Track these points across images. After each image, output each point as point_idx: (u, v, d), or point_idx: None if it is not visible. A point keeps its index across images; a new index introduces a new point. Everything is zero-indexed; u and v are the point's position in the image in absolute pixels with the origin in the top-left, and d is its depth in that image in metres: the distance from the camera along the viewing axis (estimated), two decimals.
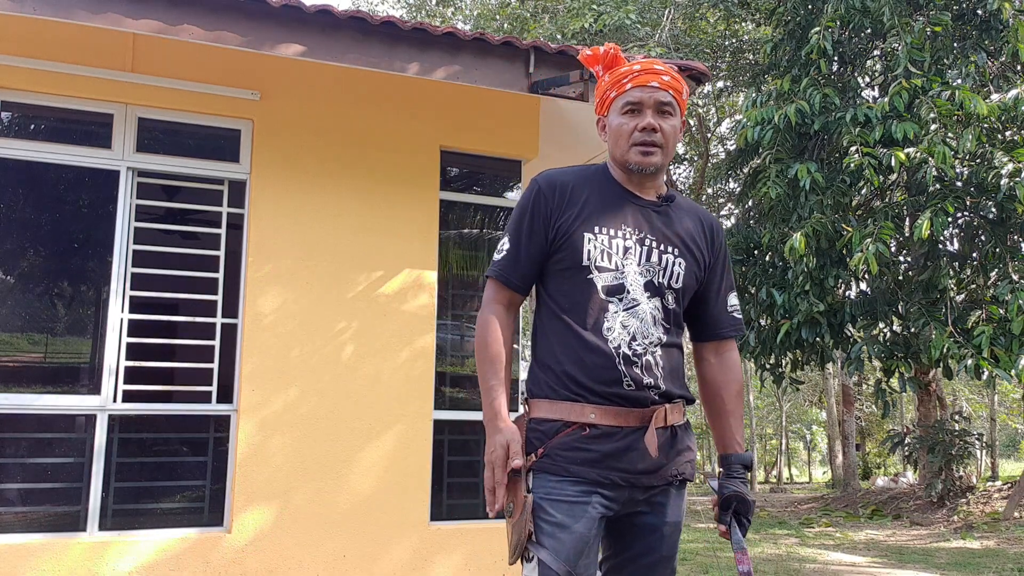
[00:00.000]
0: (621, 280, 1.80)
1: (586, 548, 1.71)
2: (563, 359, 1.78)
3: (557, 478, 1.73)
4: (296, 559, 4.08)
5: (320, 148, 4.46)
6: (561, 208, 1.83)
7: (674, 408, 1.81)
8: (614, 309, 1.78)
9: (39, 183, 4.09)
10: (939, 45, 7.72)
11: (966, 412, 20.32)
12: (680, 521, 1.85)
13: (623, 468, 1.74)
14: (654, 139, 1.81)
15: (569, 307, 1.80)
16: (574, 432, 1.74)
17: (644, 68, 1.83)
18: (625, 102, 1.83)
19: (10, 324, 4.00)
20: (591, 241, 1.80)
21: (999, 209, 7.29)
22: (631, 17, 11.05)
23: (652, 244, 1.83)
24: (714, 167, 14.92)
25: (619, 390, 1.75)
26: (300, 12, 3.88)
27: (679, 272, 1.84)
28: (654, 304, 1.81)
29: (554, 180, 1.86)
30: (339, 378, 4.30)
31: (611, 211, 1.83)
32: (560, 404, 1.76)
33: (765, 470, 37.52)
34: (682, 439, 1.83)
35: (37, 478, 3.87)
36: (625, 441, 1.74)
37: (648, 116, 1.81)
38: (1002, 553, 7.91)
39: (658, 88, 1.82)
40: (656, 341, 1.79)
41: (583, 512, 1.71)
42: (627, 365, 1.75)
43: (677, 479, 1.82)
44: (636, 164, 1.82)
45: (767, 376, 9.12)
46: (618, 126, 1.84)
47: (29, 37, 4.00)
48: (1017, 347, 6.54)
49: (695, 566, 6.95)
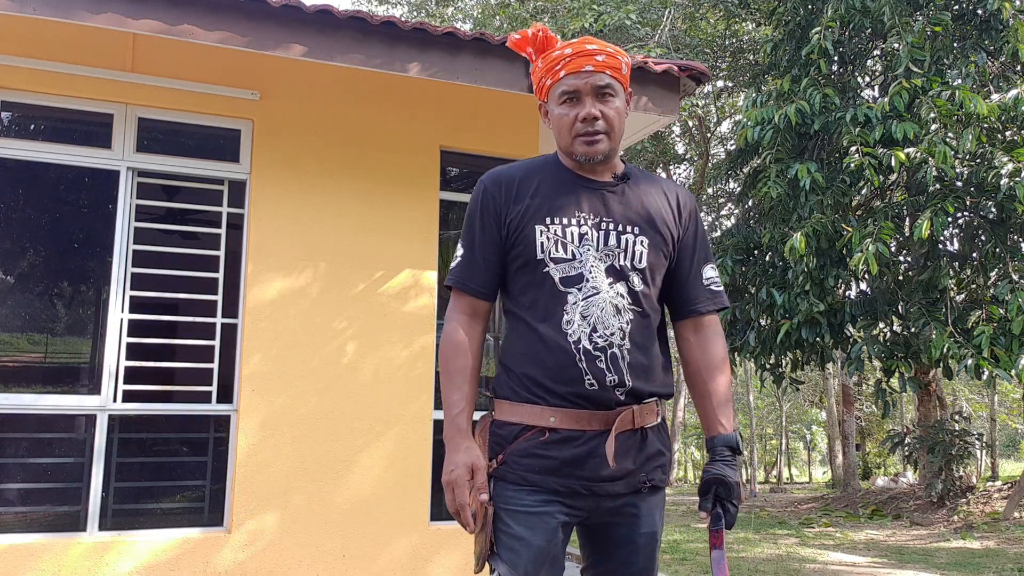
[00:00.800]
0: (579, 269, 1.69)
1: (546, 560, 1.64)
2: (523, 359, 1.70)
3: (515, 487, 1.65)
4: (296, 559, 4.08)
5: (320, 148, 4.46)
6: (510, 203, 1.74)
7: (644, 409, 1.70)
8: (573, 300, 1.68)
9: (39, 183, 4.09)
10: (939, 45, 7.72)
11: (966, 412, 20.32)
12: (656, 531, 1.75)
13: (584, 476, 1.65)
14: (597, 127, 1.71)
15: (527, 303, 1.72)
16: (533, 437, 1.66)
17: (576, 51, 1.72)
18: (561, 91, 1.73)
19: (10, 324, 4.00)
20: (543, 233, 1.71)
21: (999, 209, 7.29)
22: (631, 17, 11.06)
23: (609, 227, 1.72)
24: (714, 167, 14.93)
25: (580, 389, 1.65)
26: (300, 12, 3.88)
27: (642, 251, 1.73)
28: (618, 290, 1.70)
29: (499, 176, 1.79)
30: (339, 378, 4.30)
31: (563, 199, 1.74)
32: (520, 407, 1.68)
33: (765, 470, 37.52)
34: (653, 442, 1.72)
35: (37, 478, 3.87)
36: (587, 447, 1.65)
37: (587, 104, 1.71)
38: (1002, 553, 7.91)
39: (594, 71, 1.71)
40: (621, 332, 1.68)
41: (542, 523, 1.64)
42: (588, 361, 1.65)
43: (646, 486, 1.71)
44: (582, 155, 1.73)
45: (767, 376, 9.12)
46: (558, 117, 1.74)
47: (29, 37, 4.00)
48: (1017, 347, 6.54)
49: (695, 566, 6.95)
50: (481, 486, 1.63)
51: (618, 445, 1.65)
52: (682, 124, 16.31)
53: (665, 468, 1.76)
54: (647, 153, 15.70)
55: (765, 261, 8.75)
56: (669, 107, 4.64)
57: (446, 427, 1.69)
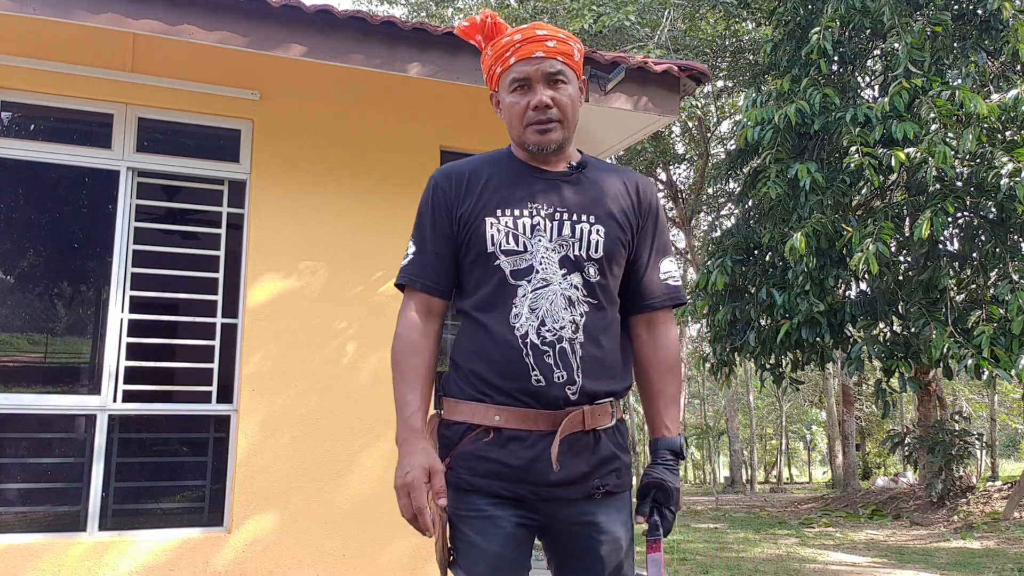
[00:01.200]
0: (530, 261, 1.62)
1: (505, 565, 1.57)
2: (470, 354, 1.63)
3: (464, 492, 1.58)
4: (296, 559, 4.08)
5: (320, 148, 4.46)
6: (460, 198, 1.69)
7: (598, 410, 1.60)
8: (522, 293, 1.60)
9: (39, 183, 4.09)
10: (939, 45, 7.72)
11: (966, 412, 20.32)
12: (620, 536, 1.63)
13: (531, 481, 1.56)
14: (549, 115, 1.64)
15: (477, 298, 1.65)
16: (478, 437, 1.58)
17: (525, 37, 1.65)
18: (512, 79, 1.66)
19: (10, 324, 4.00)
20: (494, 225, 1.64)
21: (999, 209, 7.29)
22: (630, 18, 11.06)
23: (564, 216, 1.65)
24: (714, 167, 14.92)
25: (527, 386, 1.56)
26: (300, 12, 3.88)
27: (597, 240, 1.65)
28: (572, 281, 1.62)
29: (450, 171, 1.73)
30: (339, 378, 4.30)
31: (516, 191, 1.67)
32: (465, 404, 1.61)
33: (765, 470, 37.52)
34: (607, 445, 1.62)
35: (37, 478, 3.87)
36: (534, 450, 1.56)
37: (539, 92, 1.64)
38: (1002, 553, 7.91)
39: (545, 57, 1.64)
40: (573, 325, 1.60)
41: (495, 528, 1.56)
42: (536, 356, 1.57)
43: (599, 492, 1.61)
44: (535, 144, 1.66)
45: (767, 376, 9.12)
46: (509, 106, 1.67)
47: (29, 37, 4.00)
48: (1017, 347, 6.54)
49: (695, 566, 6.94)
50: (439, 490, 1.55)
51: (568, 448, 1.57)
52: (682, 124, 16.31)
53: (621, 472, 1.65)
54: (647, 153, 15.71)
55: (765, 261, 8.75)
56: (669, 107, 4.65)
57: (399, 428, 1.61)
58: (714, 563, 7.16)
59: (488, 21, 1.72)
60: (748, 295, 8.72)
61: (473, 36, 1.74)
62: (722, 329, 8.83)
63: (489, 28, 1.72)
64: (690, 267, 21.54)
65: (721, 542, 9.11)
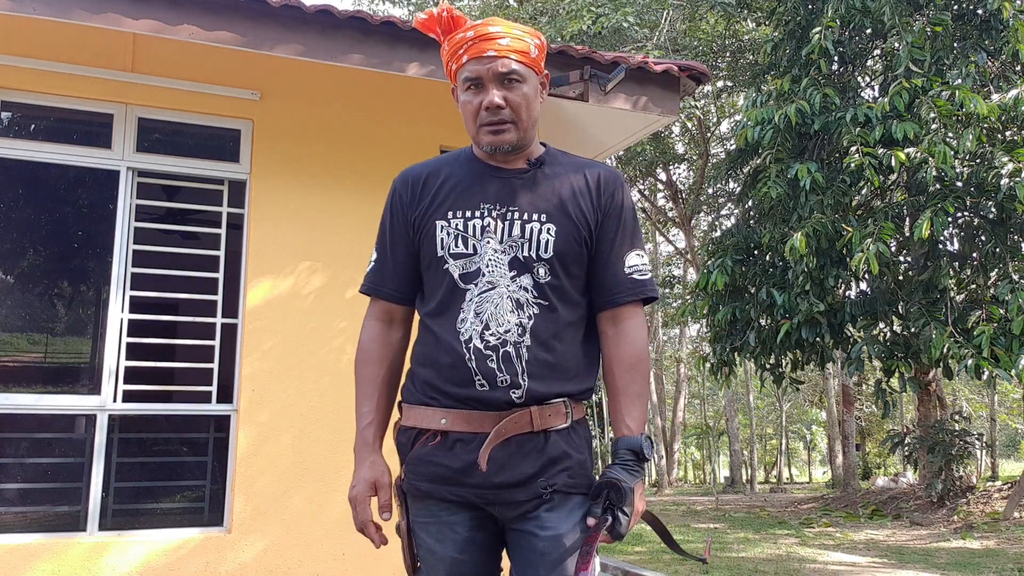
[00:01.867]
0: (478, 263, 1.59)
1: (464, 571, 1.57)
2: (420, 360, 1.63)
3: (419, 499, 1.59)
4: (296, 558, 4.07)
5: (320, 148, 4.46)
6: (415, 201, 1.67)
7: (548, 410, 1.56)
8: (470, 297, 1.58)
9: (39, 183, 4.09)
10: (939, 45, 7.72)
11: (966, 412, 20.32)
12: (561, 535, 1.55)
13: (474, 484, 1.54)
14: (501, 116, 1.60)
15: (430, 304, 1.65)
16: (426, 442, 1.58)
17: (478, 35, 1.60)
18: (464, 77, 1.62)
19: (10, 324, 4.00)
20: (444, 228, 1.62)
21: (999, 209, 7.29)
22: (629, 19, 11.05)
23: (514, 216, 1.61)
24: (714, 167, 14.92)
25: (471, 391, 1.55)
26: (300, 12, 3.88)
27: (547, 239, 1.59)
28: (521, 283, 1.58)
29: (408, 174, 1.72)
30: (339, 377, 4.30)
31: (470, 191, 1.64)
32: (415, 409, 1.61)
33: (765, 470, 37.52)
34: (557, 445, 1.57)
35: (37, 478, 3.87)
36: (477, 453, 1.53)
37: (491, 92, 1.59)
38: (1002, 553, 7.91)
39: (496, 56, 1.58)
40: (519, 328, 1.56)
41: (451, 533, 1.57)
42: (479, 361, 1.55)
43: (548, 492, 1.55)
44: (488, 144, 1.63)
45: (767, 376, 9.12)
46: (463, 104, 1.64)
47: (29, 37, 4.00)
48: (1017, 347, 6.54)
49: (695, 566, 6.94)
50: (384, 504, 1.57)
51: (515, 449, 1.54)
52: (682, 124, 16.31)
53: (573, 472, 1.59)
54: (647, 153, 15.71)
55: (765, 261, 8.75)
56: (669, 107, 4.65)
57: (356, 440, 1.64)
58: (714, 563, 7.16)
59: (445, 15, 1.66)
60: (748, 295, 8.72)
61: (432, 29, 1.69)
62: (722, 329, 8.83)
63: (446, 22, 1.66)
64: (690, 267, 21.55)
65: (721, 542, 9.11)
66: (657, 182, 19.87)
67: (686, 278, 22.85)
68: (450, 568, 1.56)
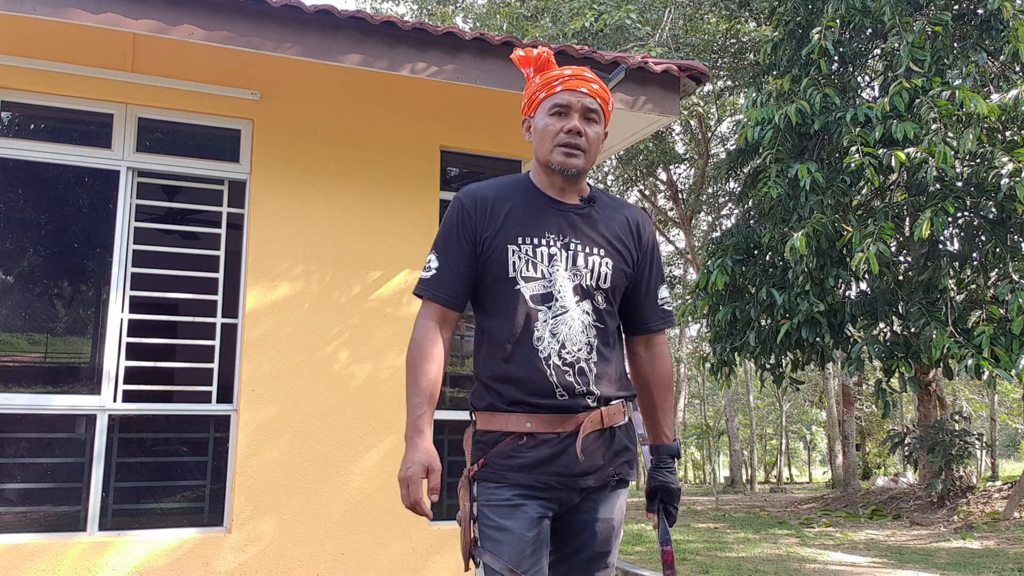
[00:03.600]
0: (549, 288, 1.82)
1: (528, 548, 1.75)
2: (498, 374, 1.81)
3: (495, 484, 1.78)
4: (296, 558, 4.08)
5: (320, 148, 4.46)
6: (485, 222, 1.85)
7: (612, 410, 1.83)
8: (543, 318, 1.81)
9: (39, 183, 4.09)
10: (939, 45, 7.72)
11: (966, 412, 20.31)
12: (613, 519, 1.87)
13: (558, 472, 1.78)
14: (579, 142, 1.84)
15: (500, 320, 1.83)
16: (512, 441, 1.78)
17: (575, 74, 1.88)
18: (554, 104, 1.86)
19: (10, 324, 4.00)
20: (515, 252, 1.82)
21: (999, 209, 7.29)
22: (631, 17, 11.06)
23: (577, 248, 1.85)
24: (714, 167, 14.92)
25: (553, 401, 1.78)
26: (300, 12, 3.88)
27: (606, 272, 1.86)
28: (584, 308, 1.84)
29: (475, 195, 1.89)
30: (339, 377, 4.30)
31: (534, 219, 1.85)
32: (499, 416, 1.80)
33: (765, 470, 37.51)
34: (620, 440, 1.86)
35: (37, 478, 3.87)
36: (561, 445, 1.77)
37: (575, 119, 1.85)
38: (1002, 553, 7.91)
39: (587, 94, 1.86)
40: (588, 346, 1.82)
41: (521, 514, 1.76)
42: (559, 375, 1.78)
43: (614, 479, 1.85)
44: (559, 164, 1.84)
45: (767, 376, 9.12)
46: (544, 126, 1.87)
47: (29, 37, 4.00)
48: (1017, 347, 6.54)
49: (695, 566, 6.95)
50: (435, 487, 1.75)
51: (590, 443, 1.79)
52: (683, 123, 16.31)
53: (632, 463, 1.89)
54: (647, 153, 15.70)
55: (765, 261, 8.76)
56: (669, 107, 4.64)
57: (408, 428, 1.80)
58: (714, 563, 7.16)
59: (543, 56, 1.93)
60: (748, 295, 8.72)
61: (526, 67, 1.95)
62: (722, 329, 8.83)
63: (543, 62, 1.93)
64: (690, 267, 21.54)
65: (721, 542, 9.11)
66: (657, 182, 19.86)
67: (686, 278, 22.84)
68: (517, 543, 1.74)
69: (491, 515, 1.77)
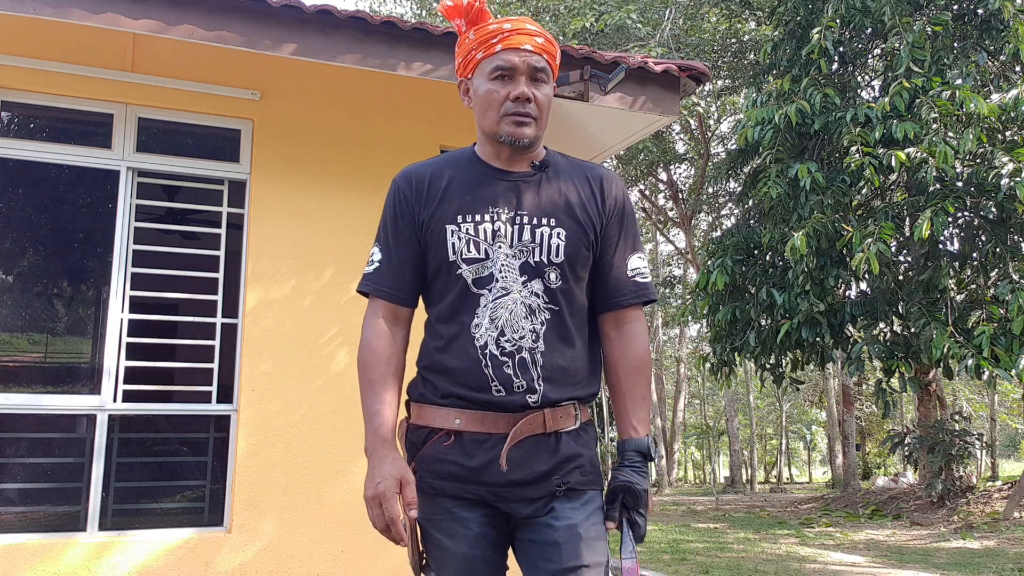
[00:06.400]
0: (491, 268, 1.59)
1: (475, 567, 1.57)
2: (433, 363, 1.63)
3: (430, 496, 1.59)
4: (296, 558, 4.08)
5: (320, 148, 4.46)
6: (422, 202, 1.64)
7: (559, 412, 1.58)
8: (484, 302, 1.58)
9: (39, 183, 4.09)
10: (939, 45, 7.73)
11: (966, 412, 20.31)
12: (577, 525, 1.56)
13: (489, 482, 1.55)
14: (528, 110, 1.59)
15: (442, 307, 1.63)
16: (439, 441, 1.59)
17: (515, 28, 1.61)
18: (495, 66, 1.60)
19: (10, 324, 4.00)
20: (455, 233, 1.60)
21: (999, 209, 7.29)
22: (632, 17, 11.06)
23: (524, 220, 1.61)
24: (714, 167, 14.92)
25: (487, 396, 1.55)
26: (300, 12, 3.88)
27: (558, 243, 1.60)
28: (533, 288, 1.59)
29: (411, 175, 1.68)
30: (339, 377, 4.30)
31: (477, 195, 1.63)
32: (428, 408, 1.61)
33: (765, 470, 37.52)
34: (569, 445, 1.59)
35: (37, 478, 3.87)
36: (493, 452, 1.55)
37: (521, 83, 1.59)
38: (1002, 553, 7.91)
39: (532, 52, 1.60)
40: (533, 334, 1.57)
41: (463, 530, 1.57)
42: (495, 367, 1.56)
43: (561, 489, 1.57)
44: (508, 136, 1.60)
45: (767, 376, 9.12)
46: (487, 93, 1.61)
47: (29, 37, 4.00)
48: (1017, 347, 6.54)
49: (695, 566, 6.95)
50: (411, 501, 1.54)
51: (528, 448, 1.56)
52: (683, 123, 16.31)
53: (585, 469, 1.61)
54: (647, 153, 15.70)
55: (765, 261, 8.76)
56: (669, 107, 4.64)
57: (368, 439, 1.61)
58: (714, 563, 7.16)
59: (475, 5, 1.64)
60: (748, 295, 8.72)
61: (455, 17, 1.67)
62: (722, 329, 8.83)
63: (475, 12, 1.65)
64: (690, 267, 21.54)
65: (721, 542, 9.11)
66: (658, 182, 19.86)
67: (686, 278, 22.85)
68: (462, 563, 1.56)
69: (431, 531, 1.59)
